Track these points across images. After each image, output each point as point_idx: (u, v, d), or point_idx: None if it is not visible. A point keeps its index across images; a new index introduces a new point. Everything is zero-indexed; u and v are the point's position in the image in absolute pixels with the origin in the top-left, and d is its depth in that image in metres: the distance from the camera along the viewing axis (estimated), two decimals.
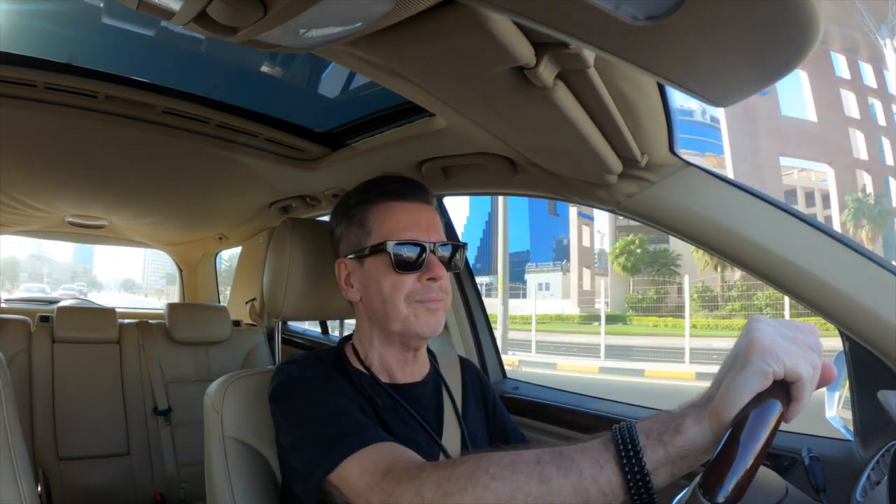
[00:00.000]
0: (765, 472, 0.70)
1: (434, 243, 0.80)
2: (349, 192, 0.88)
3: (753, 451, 0.43)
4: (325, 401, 0.73)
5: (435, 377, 0.91)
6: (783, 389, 0.46)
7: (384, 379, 0.83)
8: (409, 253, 0.78)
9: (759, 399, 0.45)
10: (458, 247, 0.84)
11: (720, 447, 0.45)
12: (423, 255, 0.79)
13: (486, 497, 0.51)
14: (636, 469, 0.47)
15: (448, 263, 0.82)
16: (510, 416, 1.03)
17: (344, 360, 0.85)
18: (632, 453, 0.47)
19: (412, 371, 0.86)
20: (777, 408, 0.45)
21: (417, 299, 0.78)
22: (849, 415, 0.90)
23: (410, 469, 0.58)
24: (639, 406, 1.22)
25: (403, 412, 0.81)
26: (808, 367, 0.46)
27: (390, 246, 0.78)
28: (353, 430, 0.67)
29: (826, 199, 20.39)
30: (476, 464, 0.53)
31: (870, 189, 18.92)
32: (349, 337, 0.90)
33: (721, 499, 0.42)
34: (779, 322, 0.49)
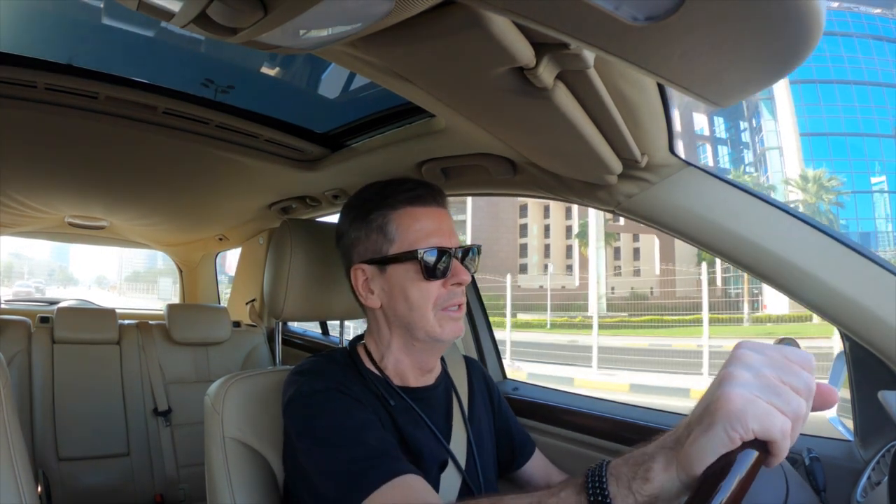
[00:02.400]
0: (768, 471, 0.69)
1: (457, 248, 0.81)
2: (361, 196, 0.86)
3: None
4: (339, 423, 0.72)
5: (445, 380, 0.91)
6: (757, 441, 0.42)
7: (397, 382, 0.83)
8: (436, 259, 0.78)
9: (730, 455, 0.42)
10: (469, 250, 0.84)
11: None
12: (448, 261, 0.79)
13: None
14: None
15: (466, 266, 0.82)
16: (514, 416, 1.03)
17: (357, 361, 0.84)
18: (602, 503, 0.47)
19: (426, 376, 0.87)
20: (750, 458, 0.41)
21: (444, 306, 0.79)
22: (849, 415, 0.90)
23: None
24: (639, 407, 1.22)
25: (415, 415, 0.81)
26: (781, 429, 0.41)
27: (420, 253, 0.77)
28: (369, 462, 0.67)
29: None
30: None
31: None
32: (360, 337, 0.89)
33: None
34: (763, 359, 0.44)
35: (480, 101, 0.73)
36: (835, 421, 0.94)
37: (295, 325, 2.53)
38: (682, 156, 0.88)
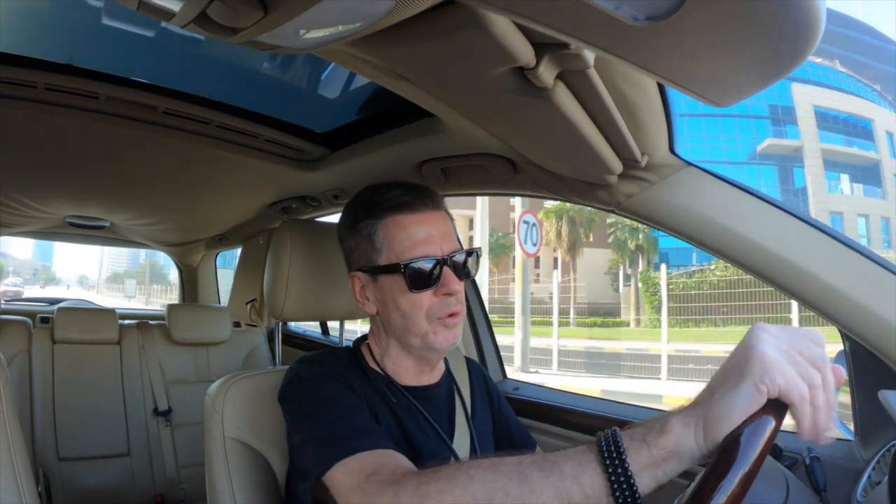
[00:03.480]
0: (769, 469, 0.69)
1: (448, 255, 0.78)
2: (353, 203, 0.85)
3: (740, 477, 0.42)
4: (330, 401, 0.72)
5: (448, 379, 0.91)
6: (776, 405, 0.45)
7: (400, 381, 0.83)
8: (424, 270, 0.76)
9: (752, 419, 0.44)
10: (471, 252, 0.82)
11: (705, 474, 0.43)
12: (438, 270, 0.77)
13: (463, 498, 0.51)
14: (619, 470, 0.46)
15: (462, 271, 0.80)
16: (515, 417, 1.03)
17: (361, 360, 0.84)
18: (615, 454, 0.47)
19: (429, 374, 0.87)
20: (768, 426, 0.44)
21: (437, 316, 0.77)
22: (849, 415, 0.90)
23: (394, 474, 0.59)
24: (640, 407, 1.22)
25: (417, 414, 0.81)
26: (800, 392, 0.44)
27: (403, 266, 0.75)
28: (352, 433, 0.67)
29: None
30: (457, 468, 0.54)
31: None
32: (364, 337, 0.90)
33: None
34: (783, 333, 0.47)
35: (480, 101, 0.73)
36: (835, 420, 0.94)
37: (295, 325, 2.53)
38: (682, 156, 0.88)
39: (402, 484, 0.56)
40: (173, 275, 3.20)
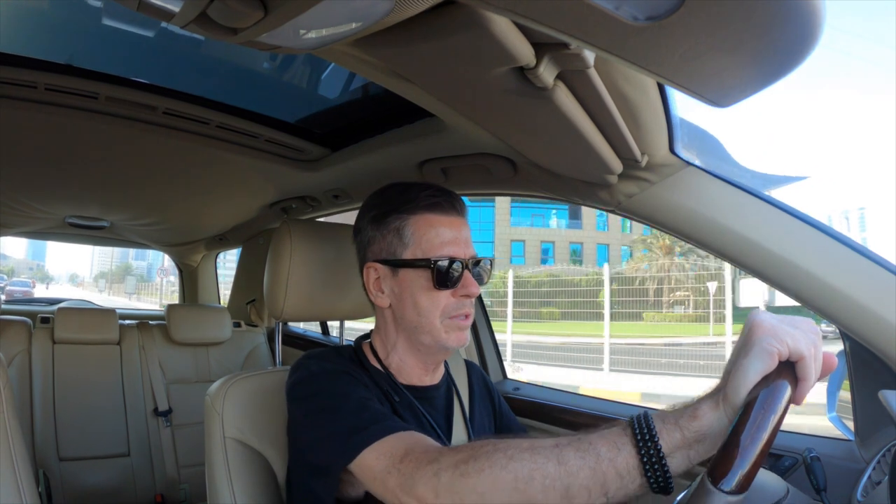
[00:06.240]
0: (765, 473, 0.70)
1: (470, 259, 0.81)
2: (383, 195, 0.86)
3: (763, 435, 0.44)
4: (345, 394, 0.73)
5: (447, 381, 0.91)
6: (789, 370, 0.48)
7: (401, 380, 0.84)
8: (450, 269, 0.78)
9: (767, 381, 0.47)
10: (487, 261, 0.85)
11: (729, 432, 0.46)
12: (460, 272, 0.79)
13: (504, 477, 0.52)
14: (652, 451, 0.49)
15: (478, 276, 0.83)
16: (516, 419, 1.03)
17: (362, 358, 0.85)
18: (647, 436, 0.49)
19: (430, 375, 0.87)
20: (786, 388, 0.47)
21: (451, 315, 0.79)
22: (849, 415, 0.90)
23: (428, 452, 0.59)
24: (641, 407, 1.22)
25: (417, 412, 0.82)
26: (809, 346, 0.48)
27: (433, 262, 0.78)
28: (373, 420, 0.67)
29: None
30: (493, 447, 0.55)
31: None
32: (366, 336, 0.90)
33: (730, 486, 0.43)
34: (781, 315, 0.52)
35: (480, 101, 0.73)
36: (835, 420, 0.94)
37: (295, 326, 2.53)
38: (683, 156, 0.88)
39: (441, 462, 0.56)
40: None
